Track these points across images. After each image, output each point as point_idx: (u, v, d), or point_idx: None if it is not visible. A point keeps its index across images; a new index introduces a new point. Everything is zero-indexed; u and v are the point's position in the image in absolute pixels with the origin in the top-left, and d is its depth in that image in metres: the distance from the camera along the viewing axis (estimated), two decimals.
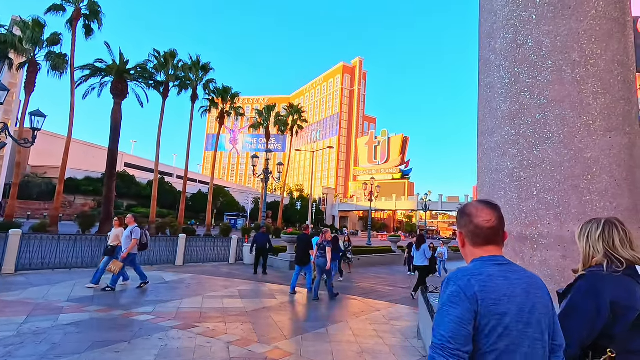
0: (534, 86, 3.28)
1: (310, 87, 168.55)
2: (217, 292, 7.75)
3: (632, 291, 1.47)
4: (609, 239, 1.60)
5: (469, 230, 1.37)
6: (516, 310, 1.21)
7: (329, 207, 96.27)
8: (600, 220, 1.67)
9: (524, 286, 1.26)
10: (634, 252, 1.55)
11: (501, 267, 1.30)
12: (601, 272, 1.53)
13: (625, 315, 1.44)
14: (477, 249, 1.36)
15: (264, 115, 39.35)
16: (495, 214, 1.38)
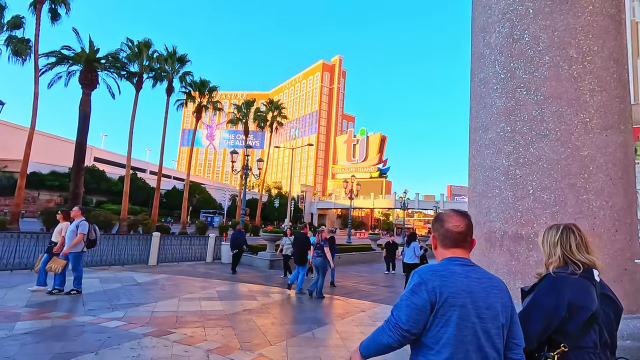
0: (530, 82, 3.19)
1: (290, 84, 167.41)
2: (194, 294, 7.37)
3: (587, 292, 1.59)
4: (566, 243, 1.70)
5: (440, 234, 1.55)
6: (472, 304, 1.36)
7: (307, 205, 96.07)
8: (559, 226, 1.78)
9: (483, 285, 1.42)
10: (589, 256, 1.66)
11: (464, 267, 1.46)
12: (563, 274, 1.64)
13: (579, 314, 1.56)
14: (446, 251, 1.54)
15: (242, 111, 38.27)
16: (464, 221, 1.54)
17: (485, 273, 1.51)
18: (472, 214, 3.61)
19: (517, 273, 3.06)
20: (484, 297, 1.40)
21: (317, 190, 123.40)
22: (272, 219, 73.89)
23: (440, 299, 1.36)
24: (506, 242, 3.17)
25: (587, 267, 1.65)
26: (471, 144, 3.81)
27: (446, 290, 1.37)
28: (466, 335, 1.34)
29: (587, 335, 1.57)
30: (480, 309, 1.37)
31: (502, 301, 1.43)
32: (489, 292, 1.42)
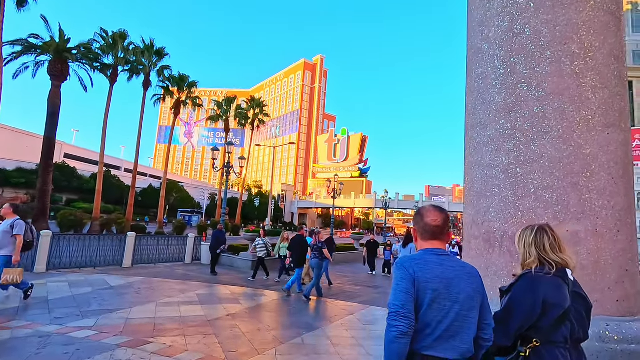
0: (531, 78, 3.09)
1: (271, 82, 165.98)
2: (172, 298, 6.93)
3: (560, 291, 1.67)
4: (540, 244, 1.77)
5: (420, 227, 1.73)
6: (445, 289, 1.53)
7: (287, 204, 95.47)
8: (534, 227, 1.86)
9: (456, 272, 1.59)
10: (562, 255, 1.74)
11: (439, 257, 1.63)
12: (539, 274, 1.72)
13: (552, 312, 1.64)
14: (425, 242, 1.72)
15: (223, 108, 37.33)
16: (442, 215, 1.72)
17: (459, 262, 1.69)
18: (470, 213, 3.50)
19: None
20: (456, 282, 1.57)
21: (298, 190, 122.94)
22: (252, 219, 72.95)
23: (418, 283, 1.54)
24: (506, 243, 3.05)
25: (561, 267, 1.73)
26: (468, 141, 3.69)
27: (422, 276, 1.55)
28: (439, 315, 1.52)
29: (558, 330, 1.66)
30: (453, 293, 1.55)
31: (473, 286, 1.60)
32: (462, 278, 1.59)
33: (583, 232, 2.80)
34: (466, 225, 3.59)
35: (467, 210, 3.57)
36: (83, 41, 23.87)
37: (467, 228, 3.54)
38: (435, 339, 1.52)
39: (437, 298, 1.53)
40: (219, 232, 11.61)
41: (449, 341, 1.52)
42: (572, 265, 1.75)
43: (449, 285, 1.55)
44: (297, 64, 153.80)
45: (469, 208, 3.53)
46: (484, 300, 1.64)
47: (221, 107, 36.83)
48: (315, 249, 8.54)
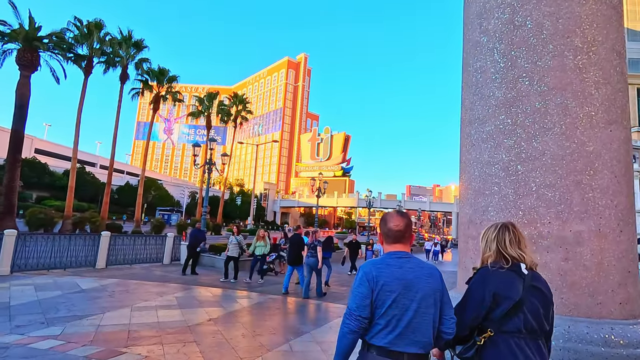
0: (533, 72, 2.97)
1: (254, 80, 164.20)
2: (149, 302, 6.49)
3: (512, 284, 1.76)
4: (502, 239, 1.86)
5: (384, 232, 1.85)
6: (404, 289, 1.66)
7: (270, 203, 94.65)
8: (497, 224, 1.95)
9: (415, 273, 1.71)
10: (519, 251, 1.83)
11: (399, 260, 1.75)
12: (493, 268, 1.82)
13: (503, 304, 1.74)
14: (388, 246, 1.84)
15: (205, 104, 36.16)
16: (404, 221, 1.84)
17: (419, 263, 1.80)
18: (467, 212, 3.36)
19: None
20: (415, 283, 1.70)
21: (280, 189, 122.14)
22: (234, 217, 71.83)
23: (377, 286, 1.67)
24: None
25: (516, 261, 1.82)
26: (465, 137, 3.55)
27: (382, 278, 1.68)
28: (398, 313, 1.66)
29: (511, 321, 1.74)
30: (412, 292, 1.68)
31: (431, 286, 1.73)
32: (420, 279, 1.72)
33: (586, 232, 2.69)
34: (462, 225, 3.45)
35: (464, 208, 3.44)
36: (55, 30, 22.63)
37: (464, 227, 3.41)
38: (397, 335, 1.67)
39: (396, 298, 1.68)
40: (197, 230, 11.18)
41: (410, 336, 1.68)
42: (528, 261, 1.84)
43: (407, 286, 1.70)
44: (280, 62, 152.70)
45: (466, 206, 3.39)
46: (443, 297, 1.79)
47: (203, 103, 35.74)
48: (311, 248, 8.67)
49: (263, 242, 10.20)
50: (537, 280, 1.84)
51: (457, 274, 3.84)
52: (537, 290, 1.80)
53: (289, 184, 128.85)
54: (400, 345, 1.67)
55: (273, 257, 11.89)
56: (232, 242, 10.30)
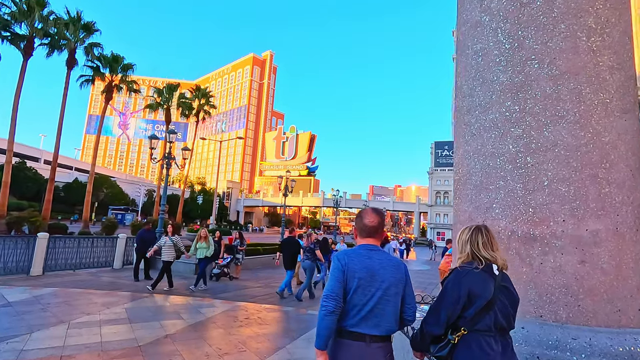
0: (543, 53, 2.68)
1: (218, 75, 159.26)
2: (92, 315, 5.44)
3: (485, 284, 1.82)
4: (475, 241, 1.94)
5: (359, 227, 2.09)
6: (370, 277, 1.88)
7: (233, 202, 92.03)
8: (472, 226, 2.03)
9: (382, 264, 1.94)
10: (492, 253, 1.91)
11: (370, 252, 1.98)
12: (467, 268, 1.89)
13: (476, 303, 1.80)
14: (361, 239, 2.08)
15: (164, 95, 33.30)
16: (378, 218, 2.06)
17: (387, 256, 1.98)
18: (465, 210, 3.02)
19: (530, 282, 2.51)
20: (381, 272, 1.88)
21: (244, 188, 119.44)
22: (195, 217, 68.98)
23: (348, 272, 1.87)
24: (514, 244, 2.61)
25: (489, 262, 1.89)
26: (462, 127, 3.22)
27: (352, 266, 1.88)
28: (364, 298, 1.84)
29: (483, 320, 1.80)
30: (377, 280, 1.87)
31: (396, 276, 1.91)
32: (386, 269, 1.90)
33: (603, 231, 2.43)
34: (461, 224, 3.10)
35: (462, 205, 3.09)
36: None
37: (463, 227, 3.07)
38: (361, 318, 1.83)
39: (363, 285, 1.85)
40: (144, 232, 9.97)
41: (372, 320, 1.83)
42: (500, 263, 1.90)
43: (374, 274, 1.87)
44: (245, 58, 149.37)
45: (465, 203, 3.05)
46: (406, 287, 1.96)
47: (162, 95, 33.04)
48: (307, 251, 8.55)
49: (205, 243, 8.86)
50: (506, 280, 1.92)
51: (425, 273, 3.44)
52: (506, 290, 1.88)
53: (253, 183, 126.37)
54: (364, 328, 1.84)
55: (227, 260, 10.82)
56: (165, 244, 8.61)
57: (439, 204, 60.21)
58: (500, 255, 1.95)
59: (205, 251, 8.82)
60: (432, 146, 61.97)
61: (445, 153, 61.02)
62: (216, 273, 10.40)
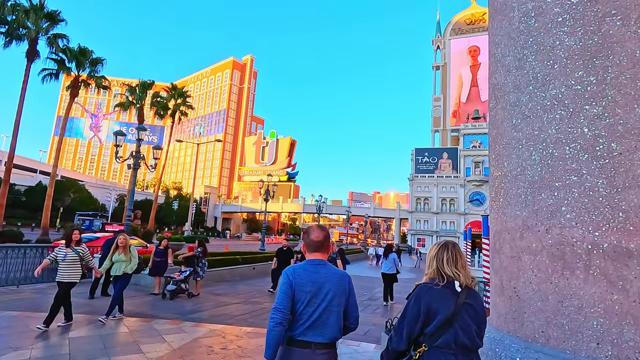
0: (628, 6, 2.02)
1: (196, 78, 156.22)
2: (21, 352, 4.18)
3: (444, 301, 1.87)
4: (440, 258, 2.00)
5: (306, 242, 2.26)
6: (316, 290, 2.06)
7: (210, 208, 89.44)
8: (440, 243, 2.09)
9: (327, 277, 2.12)
10: (455, 270, 1.95)
11: (316, 266, 2.16)
12: (428, 285, 1.95)
13: (436, 319, 1.84)
14: (309, 254, 2.25)
15: (137, 94, 30.91)
16: (323, 233, 2.25)
17: (332, 269, 2.19)
18: (517, 215, 2.30)
19: (626, 315, 1.81)
20: (327, 285, 2.09)
21: (222, 193, 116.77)
22: (170, 223, 66.31)
23: (296, 287, 2.07)
24: (598, 262, 1.92)
25: (451, 279, 1.93)
26: (506, 108, 2.53)
27: (299, 280, 2.08)
28: (311, 309, 2.04)
29: (442, 336, 1.82)
30: (322, 293, 2.07)
31: (340, 288, 2.13)
32: (331, 282, 2.11)
33: None
34: (509, 232, 2.38)
35: (510, 209, 2.38)
36: None
37: (510, 237, 2.36)
38: (307, 327, 2.03)
39: (309, 297, 2.05)
40: (112, 240, 8.68)
41: (317, 329, 2.04)
42: (461, 280, 1.93)
43: (319, 288, 2.08)
44: (225, 61, 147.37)
45: (515, 207, 2.34)
46: (349, 298, 2.17)
47: (134, 93, 30.85)
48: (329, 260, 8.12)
49: (124, 256, 6.57)
50: (472, 297, 1.91)
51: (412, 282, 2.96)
52: (470, 307, 1.87)
53: (231, 188, 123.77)
54: (310, 336, 2.02)
55: (186, 274, 8.99)
56: (64, 258, 5.84)
57: (419, 210, 60.51)
58: (466, 272, 1.97)
59: (124, 266, 6.54)
60: (413, 153, 62.46)
61: (425, 160, 61.61)
62: (171, 290, 8.62)
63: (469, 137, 58.81)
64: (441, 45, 70.39)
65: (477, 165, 57.46)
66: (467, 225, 52.44)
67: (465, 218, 56.76)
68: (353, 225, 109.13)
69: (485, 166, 57.30)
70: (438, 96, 68.48)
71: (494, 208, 2.65)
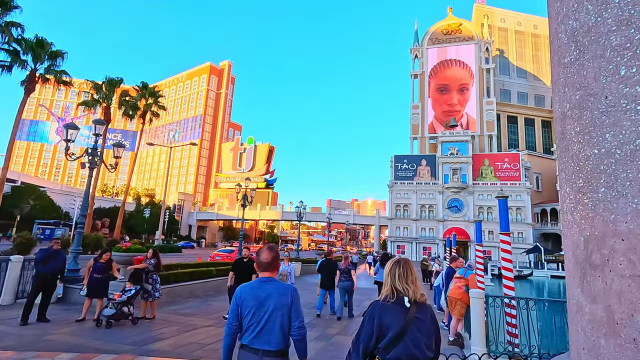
0: None
1: (171, 83, 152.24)
2: None
3: (394, 315, 2.02)
4: (393, 274, 2.16)
5: (257, 262, 2.56)
6: (259, 304, 2.37)
7: (185, 216, 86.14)
8: (393, 260, 2.26)
9: (269, 292, 2.41)
10: (405, 285, 2.10)
11: (262, 283, 2.47)
12: (379, 302, 2.12)
13: (387, 334, 2.00)
14: (260, 273, 2.55)
15: (103, 92, 28.15)
16: (271, 254, 2.53)
17: (278, 284, 2.48)
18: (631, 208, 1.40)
19: None
20: (269, 299, 2.37)
21: (198, 200, 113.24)
22: (141, 232, 63.11)
23: (240, 301, 2.41)
24: None
25: (402, 295, 2.08)
26: (605, 55, 1.63)
27: (244, 296, 2.42)
28: (255, 322, 2.34)
29: (394, 350, 1.97)
30: (265, 306, 2.36)
31: (281, 302, 2.38)
32: (273, 296, 2.38)
33: None
34: (617, 238, 1.47)
35: (624, 203, 1.47)
36: None
37: (627, 245, 1.44)
38: (254, 336, 2.33)
39: (253, 310, 2.36)
40: (50, 251, 7.09)
41: (264, 337, 2.32)
42: (410, 295, 2.07)
43: (262, 302, 2.37)
44: (202, 66, 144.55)
45: (637, 198, 1.43)
46: (291, 310, 2.39)
47: (100, 91, 28.11)
48: (344, 272, 9.14)
49: None
50: (422, 312, 2.05)
51: None
52: (419, 322, 2.01)
53: (207, 195, 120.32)
54: (258, 344, 2.32)
55: (130, 293, 7.08)
56: None
57: (399, 216, 60.47)
58: (416, 287, 2.11)
59: None
60: (392, 159, 62.63)
61: (404, 166, 61.86)
62: (108, 315, 6.64)
63: (447, 144, 59.61)
64: (419, 54, 71.60)
65: (454, 172, 58.18)
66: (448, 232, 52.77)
67: (444, 224, 57.16)
68: (332, 232, 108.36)
69: (462, 173, 58.11)
70: (416, 104, 69.35)
71: (582, 203, 1.74)
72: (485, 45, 68.05)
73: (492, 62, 68.05)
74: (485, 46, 68.01)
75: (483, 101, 65.24)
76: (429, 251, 55.67)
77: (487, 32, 70.19)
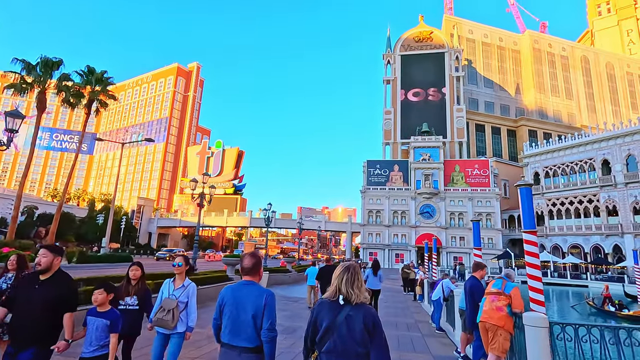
0: None
1: (135, 84, 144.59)
2: None
3: (327, 312, 2.33)
4: (341, 278, 2.39)
5: (240, 267, 2.89)
6: (235, 305, 2.71)
7: (144, 223, 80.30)
8: (344, 265, 2.50)
9: (247, 295, 2.74)
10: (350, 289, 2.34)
11: (242, 286, 2.81)
12: (321, 300, 2.49)
13: (319, 328, 2.32)
14: (243, 277, 2.89)
15: (37, 73, 23.51)
16: (253, 260, 2.86)
17: (256, 288, 2.81)
18: None
19: None
20: (244, 301, 2.72)
21: (162, 207, 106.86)
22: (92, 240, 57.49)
23: (222, 301, 2.79)
24: None
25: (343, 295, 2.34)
26: None
27: (225, 297, 2.79)
28: (230, 320, 2.70)
29: (326, 344, 2.26)
30: (240, 307, 2.71)
31: (255, 303, 2.70)
32: (249, 298, 2.72)
33: None
34: None
35: None
36: None
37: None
38: (231, 333, 2.68)
39: (231, 310, 2.72)
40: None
41: (240, 335, 2.66)
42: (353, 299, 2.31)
43: (238, 303, 2.72)
44: (169, 67, 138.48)
45: None
46: (264, 311, 2.68)
47: (32, 73, 23.36)
48: None
49: None
50: (355, 310, 2.29)
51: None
52: (350, 318, 2.26)
53: (171, 201, 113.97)
54: (234, 341, 2.67)
55: None
56: None
57: (372, 223, 59.20)
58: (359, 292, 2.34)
59: None
60: (365, 164, 61.53)
61: (377, 172, 60.92)
62: None
63: (419, 150, 59.40)
64: (391, 60, 71.66)
65: (427, 178, 57.92)
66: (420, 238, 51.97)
67: (417, 231, 56.50)
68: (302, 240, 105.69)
69: (434, 179, 57.99)
70: (389, 109, 69.05)
71: None
72: (456, 53, 69.23)
73: (461, 71, 69.30)
74: (455, 55, 69.18)
75: (454, 108, 66.02)
76: (402, 258, 54.73)
77: (457, 42, 71.61)
